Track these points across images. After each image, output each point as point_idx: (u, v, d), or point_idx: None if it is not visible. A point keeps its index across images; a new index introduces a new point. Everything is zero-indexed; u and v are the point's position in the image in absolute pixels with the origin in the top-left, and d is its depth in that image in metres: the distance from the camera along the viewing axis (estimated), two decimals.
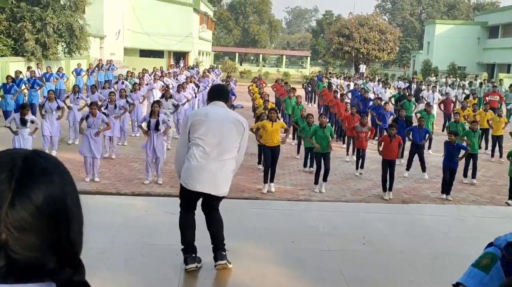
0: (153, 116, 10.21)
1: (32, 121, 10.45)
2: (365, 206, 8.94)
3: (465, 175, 11.93)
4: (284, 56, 68.54)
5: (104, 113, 10.99)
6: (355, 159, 12.64)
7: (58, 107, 12.32)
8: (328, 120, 12.06)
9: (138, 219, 6.99)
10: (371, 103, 17.47)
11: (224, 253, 5.17)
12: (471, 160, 11.77)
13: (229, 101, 5.50)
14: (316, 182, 10.59)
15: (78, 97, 13.79)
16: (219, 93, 5.26)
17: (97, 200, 8.31)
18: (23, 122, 10.18)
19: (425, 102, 17.89)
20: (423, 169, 12.10)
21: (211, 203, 5.15)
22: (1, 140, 12.99)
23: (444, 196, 10.33)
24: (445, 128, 17.53)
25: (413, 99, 18.13)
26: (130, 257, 5.60)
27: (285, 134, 11.26)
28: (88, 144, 10.09)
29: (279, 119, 10.27)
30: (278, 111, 20.68)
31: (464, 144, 11.46)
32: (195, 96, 18.74)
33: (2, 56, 20.19)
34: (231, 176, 5.11)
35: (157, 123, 10.13)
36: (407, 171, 12.23)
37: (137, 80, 19.07)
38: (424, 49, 55.65)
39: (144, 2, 41.92)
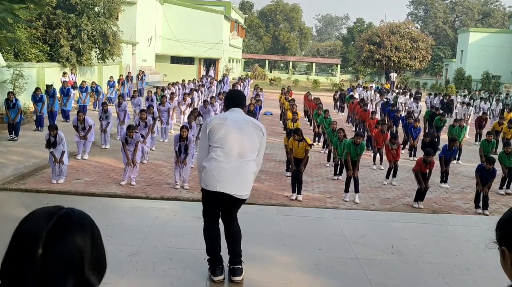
0: (182, 140, 10.57)
1: (58, 143, 10.24)
2: (394, 215, 8.83)
3: (501, 187, 11.81)
4: (314, 64, 68.41)
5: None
6: (382, 168, 12.70)
7: (84, 128, 12.48)
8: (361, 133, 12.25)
9: (167, 222, 7.07)
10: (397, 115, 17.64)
11: (240, 267, 5.16)
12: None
13: (246, 107, 5.39)
14: (346, 190, 10.53)
15: (107, 115, 14.05)
16: (236, 99, 5.24)
17: (126, 203, 8.45)
18: (48, 145, 10.24)
19: (455, 118, 17.76)
20: (446, 179, 12.29)
21: (231, 210, 5.10)
22: (36, 144, 13.33)
23: (479, 210, 10.10)
24: (478, 142, 17.49)
25: (445, 118, 18.05)
26: (159, 260, 5.66)
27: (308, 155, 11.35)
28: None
29: (303, 139, 10.42)
30: (308, 119, 21.02)
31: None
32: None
33: (38, 61, 20.71)
34: (252, 179, 5.02)
35: (186, 147, 10.56)
36: (445, 183, 12.21)
37: (165, 93, 19.25)
38: (457, 57, 54.79)
39: (176, 10, 42.50)
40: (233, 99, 5.26)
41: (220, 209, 5.11)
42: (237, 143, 4.88)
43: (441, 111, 19.32)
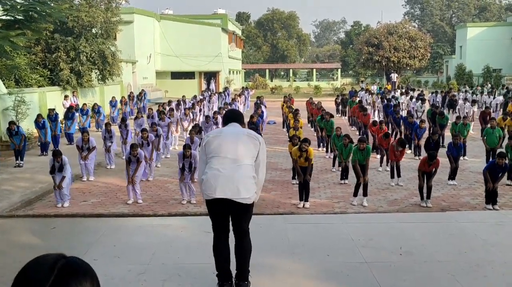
0: (186, 157, 10.67)
1: (62, 168, 10.27)
2: (402, 216, 8.80)
3: (508, 178, 11.77)
4: (314, 70, 68.47)
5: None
6: (388, 169, 12.72)
7: (89, 148, 12.53)
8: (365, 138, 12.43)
9: (174, 239, 7.07)
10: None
11: (246, 283, 5.14)
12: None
13: (244, 124, 5.45)
14: (355, 194, 10.50)
15: (111, 136, 14.12)
16: (233, 117, 5.32)
17: (134, 222, 8.46)
18: (52, 170, 10.29)
19: (458, 114, 17.73)
20: (454, 176, 12.24)
21: (239, 220, 5.07)
22: (41, 169, 13.40)
23: (489, 206, 9.99)
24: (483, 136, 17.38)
25: (446, 115, 18.01)
26: (168, 277, 5.66)
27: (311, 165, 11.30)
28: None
29: (307, 150, 10.35)
30: (311, 125, 21.07)
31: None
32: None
33: (39, 86, 20.86)
34: (251, 183, 4.96)
35: (190, 164, 10.62)
36: (453, 179, 12.17)
37: (165, 108, 19.32)
38: (457, 53, 54.74)
39: (173, 25, 42.76)
40: (231, 116, 5.34)
41: (227, 219, 5.11)
42: (232, 150, 4.93)
43: (441, 110, 19.28)
